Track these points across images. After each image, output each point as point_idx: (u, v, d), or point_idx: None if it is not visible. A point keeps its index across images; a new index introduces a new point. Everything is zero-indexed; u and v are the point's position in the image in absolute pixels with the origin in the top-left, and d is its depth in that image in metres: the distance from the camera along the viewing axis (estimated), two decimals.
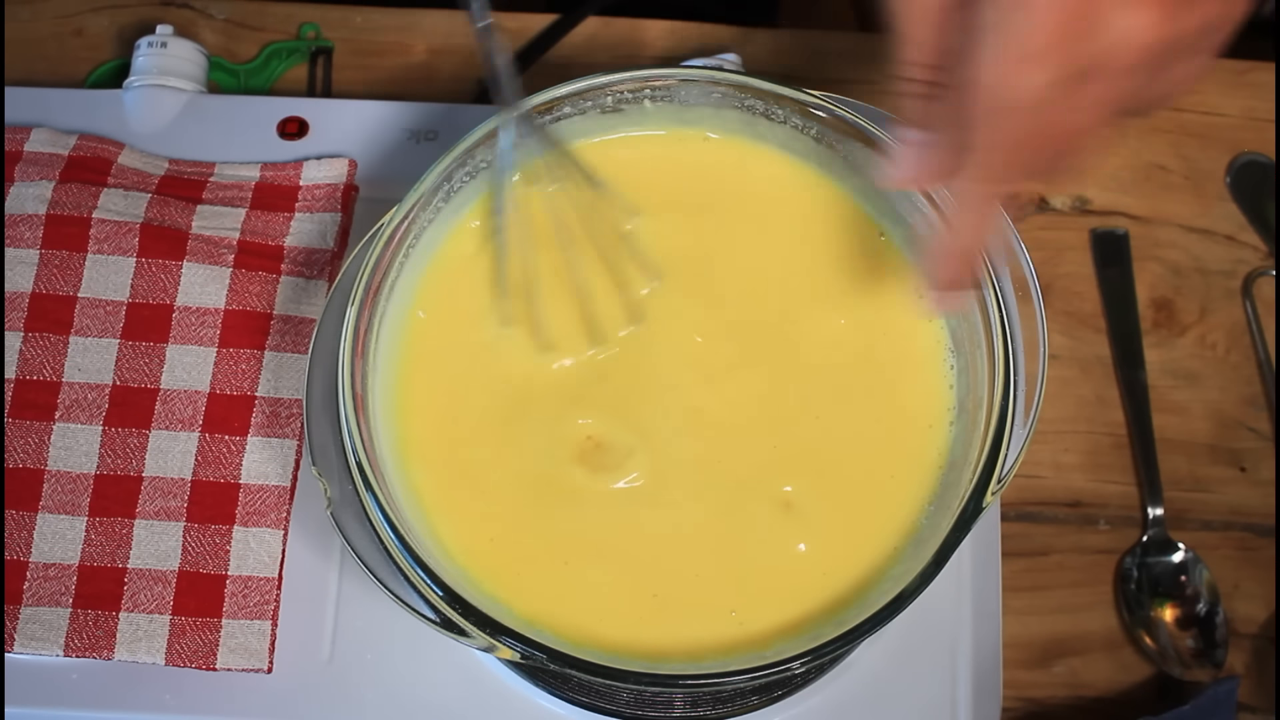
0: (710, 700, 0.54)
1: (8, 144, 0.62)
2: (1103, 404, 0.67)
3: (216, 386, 0.57)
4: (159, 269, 0.59)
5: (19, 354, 0.57)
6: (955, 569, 0.57)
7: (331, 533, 0.53)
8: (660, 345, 0.51)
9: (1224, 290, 0.69)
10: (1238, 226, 0.70)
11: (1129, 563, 0.64)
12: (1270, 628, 0.64)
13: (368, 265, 0.49)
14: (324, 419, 0.49)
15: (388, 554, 0.45)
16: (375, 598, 0.55)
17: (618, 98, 0.53)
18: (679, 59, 0.68)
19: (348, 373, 0.47)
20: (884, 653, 0.56)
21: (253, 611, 0.55)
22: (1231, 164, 0.71)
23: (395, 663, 0.55)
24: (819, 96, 0.52)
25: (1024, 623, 0.63)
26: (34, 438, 0.56)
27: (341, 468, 0.47)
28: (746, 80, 0.52)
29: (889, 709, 0.56)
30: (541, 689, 0.55)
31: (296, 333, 0.59)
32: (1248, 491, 0.66)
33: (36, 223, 0.59)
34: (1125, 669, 0.63)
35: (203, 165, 0.63)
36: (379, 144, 0.64)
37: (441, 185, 0.51)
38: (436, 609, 0.45)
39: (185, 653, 0.54)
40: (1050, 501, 0.65)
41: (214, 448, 0.57)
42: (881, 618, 0.44)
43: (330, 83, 0.71)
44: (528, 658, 0.44)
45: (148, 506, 0.56)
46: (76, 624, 0.54)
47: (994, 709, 0.56)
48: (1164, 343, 0.68)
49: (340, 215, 0.61)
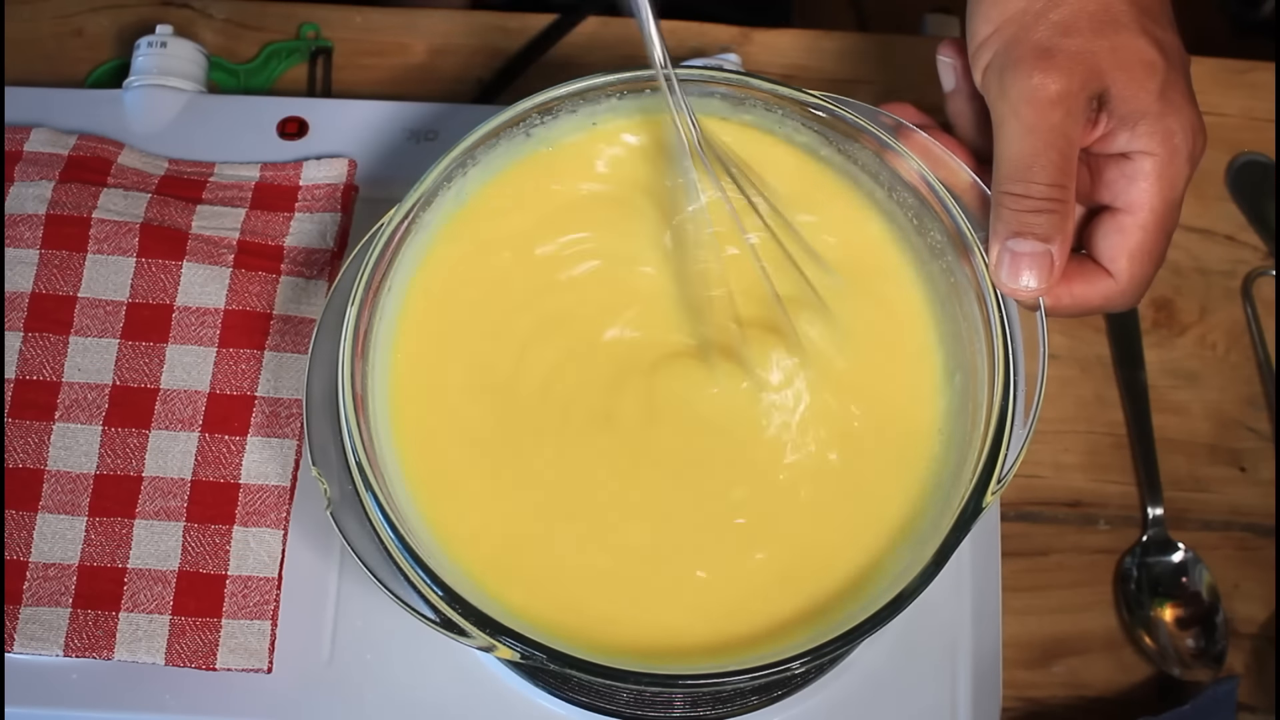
0: (710, 700, 0.54)
1: (8, 144, 0.62)
2: (1103, 404, 0.67)
3: (216, 386, 0.57)
4: (159, 269, 0.59)
5: (19, 354, 0.57)
6: (955, 569, 0.57)
7: (331, 533, 0.53)
8: (661, 349, 0.51)
9: (1224, 290, 0.69)
10: (1238, 226, 0.70)
11: (1129, 563, 0.64)
12: (1270, 628, 0.64)
13: (368, 265, 0.49)
14: (324, 419, 0.49)
15: (388, 554, 0.45)
16: (375, 598, 0.55)
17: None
18: (679, 59, 0.68)
19: (348, 373, 0.47)
20: (884, 653, 0.56)
21: (253, 611, 0.55)
22: (1231, 164, 0.71)
23: (395, 663, 0.55)
24: (819, 96, 0.52)
25: (1024, 623, 0.63)
26: (34, 438, 0.56)
27: (341, 468, 0.47)
28: (747, 80, 0.52)
29: (889, 709, 0.56)
30: (541, 689, 0.55)
31: (296, 333, 0.59)
32: (1248, 491, 0.66)
33: (36, 223, 0.59)
34: (1125, 669, 0.63)
35: (203, 165, 0.63)
36: (379, 144, 0.64)
37: (441, 185, 0.51)
38: (436, 609, 0.45)
39: (185, 653, 0.54)
40: (1050, 501, 0.65)
41: (214, 448, 0.57)
42: (881, 618, 0.44)
43: (330, 83, 0.71)
44: (528, 658, 0.44)
45: (148, 506, 0.56)
46: (76, 624, 0.54)
47: (994, 709, 0.56)
48: (1164, 343, 0.68)
49: (340, 215, 0.61)
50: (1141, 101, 0.47)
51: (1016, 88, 0.47)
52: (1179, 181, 0.48)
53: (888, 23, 1.27)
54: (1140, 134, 0.48)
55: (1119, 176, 0.49)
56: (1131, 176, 0.48)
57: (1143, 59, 0.47)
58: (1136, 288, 0.49)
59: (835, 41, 0.73)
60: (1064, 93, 0.46)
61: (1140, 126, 0.47)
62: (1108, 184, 0.49)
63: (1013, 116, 0.47)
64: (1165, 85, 0.47)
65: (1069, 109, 0.46)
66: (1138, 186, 0.48)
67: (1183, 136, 0.48)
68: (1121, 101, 0.47)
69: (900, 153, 0.50)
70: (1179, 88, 0.48)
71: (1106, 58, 0.47)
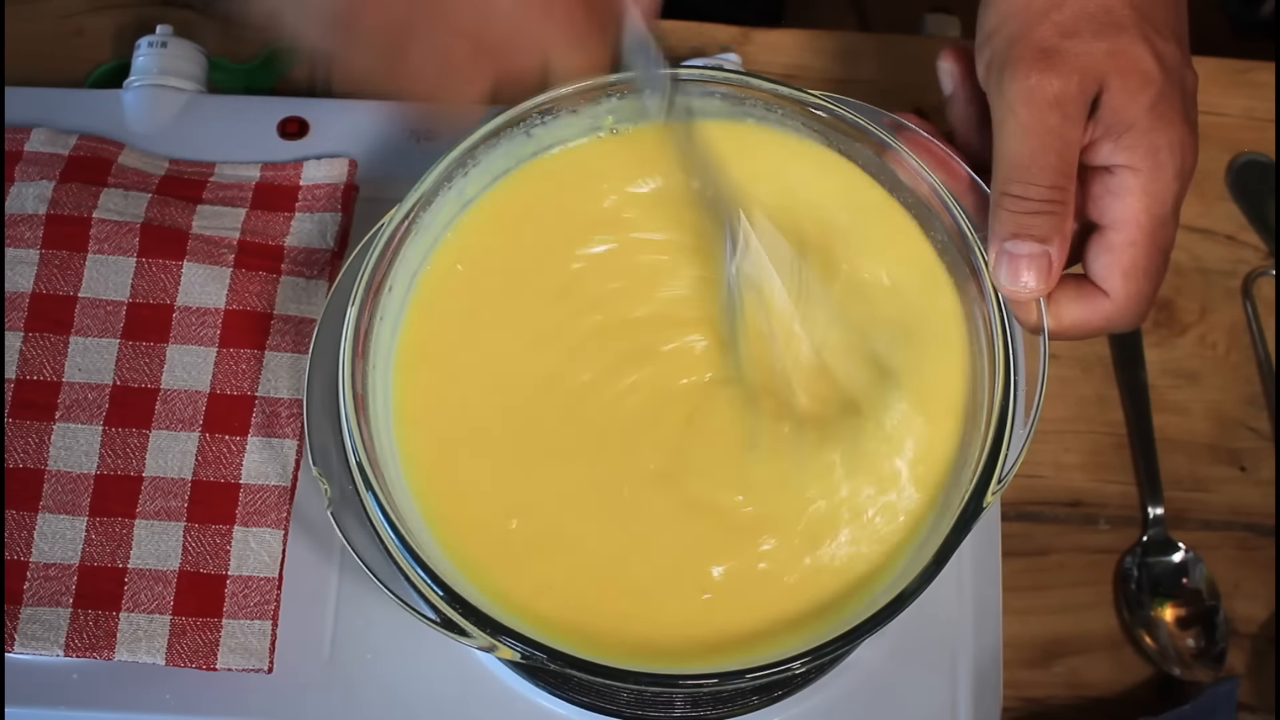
0: (711, 700, 0.54)
1: (8, 144, 0.62)
2: (1103, 404, 0.67)
3: (217, 386, 0.57)
4: (159, 269, 0.59)
5: (19, 354, 0.57)
6: (955, 569, 0.57)
7: (331, 533, 0.53)
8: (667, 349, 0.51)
9: (1224, 290, 0.69)
10: (1238, 226, 0.70)
11: (1129, 562, 0.64)
12: (1270, 628, 0.64)
13: (368, 265, 0.49)
14: (324, 419, 0.49)
15: (388, 554, 0.45)
16: (375, 598, 0.55)
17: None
18: (679, 59, 0.68)
19: (348, 373, 0.47)
20: (884, 653, 0.56)
21: (253, 611, 0.55)
22: (1231, 164, 0.71)
23: (395, 663, 0.55)
24: (819, 96, 0.52)
25: (1024, 622, 0.63)
26: (34, 438, 0.56)
27: (341, 468, 0.47)
28: (747, 79, 0.52)
29: (889, 709, 0.56)
30: (541, 689, 0.55)
31: (296, 333, 0.59)
32: (1248, 491, 0.66)
33: (37, 222, 0.59)
34: (1125, 669, 0.63)
35: (203, 165, 0.63)
36: (379, 144, 0.64)
37: (442, 185, 0.51)
38: (436, 609, 0.45)
39: (185, 653, 0.54)
40: (1050, 501, 0.65)
41: (214, 448, 0.57)
42: (881, 618, 0.44)
43: (330, 83, 0.71)
44: (528, 658, 0.44)
45: (148, 506, 0.56)
46: (77, 624, 0.54)
47: (994, 709, 0.56)
48: (1164, 342, 0.68)
49: (340, 215, 0.61)
50: (1130, 113, 0.46)
51: (1014, 87, 0.47)
52: (1166, 197, 0.47)
53: (888, 22, 1.27)
54: (1124, 146, 0.47)
55: (1104, 192, 0.48)
56: (1116, 192, 0.47)
57: (1139, 68, 0.46)
58: (1135, 306, 0.48)
59: (835, 41, 0.73)
60: (1061, 95, 0.46)
61: (1125, 139, 0.47)
62: (1094, 199, 0.48)
63: (1010, 116, 0.47)
64: (1158, 99, 0.46)
65: (1066, 112, 0.46)
66: (1123, 202, 0.47)
67: (1169, 153, 0.47)
68: (1111, 110, 0.47)
69: (901, 152, 0.50)
70: (1173, 103, 0.47)
71: (1104, 62, 0.46)
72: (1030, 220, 0.46)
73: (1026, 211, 0.46)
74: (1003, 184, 0.47)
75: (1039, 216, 0.46)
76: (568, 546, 0.48)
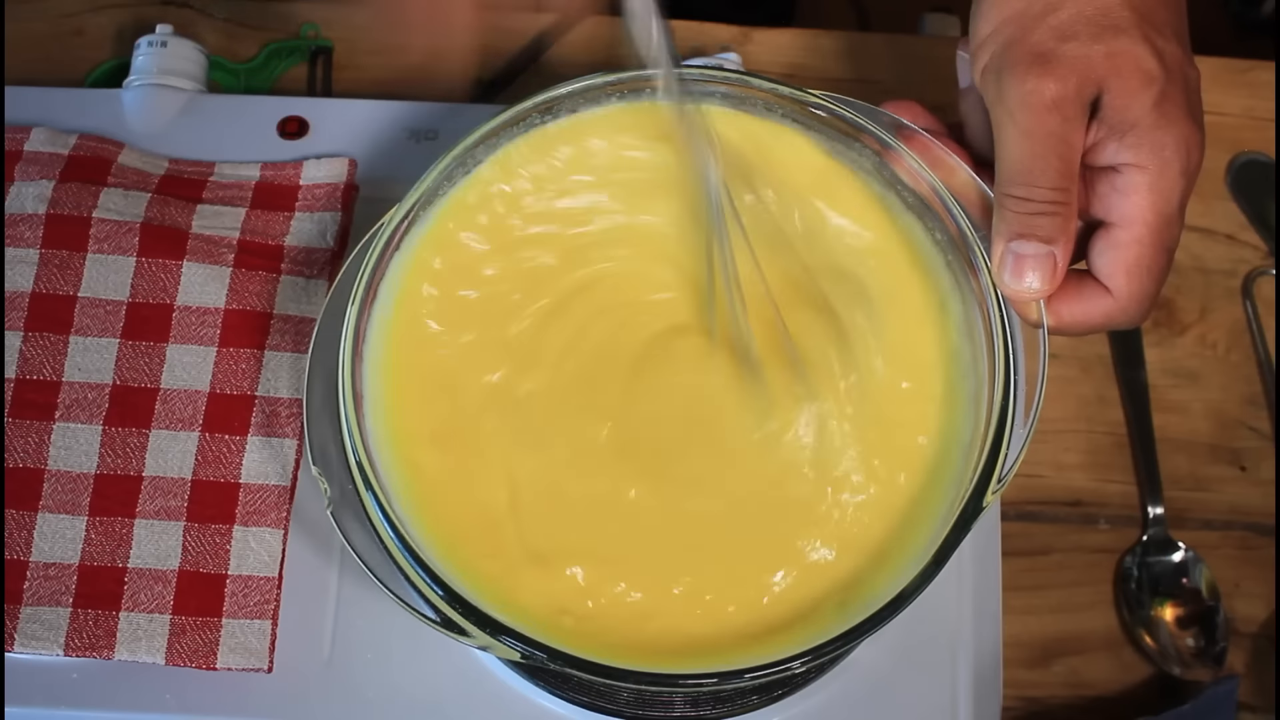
0: (711, 700, 0.54)
1: (8, 143, 0.62)
2: (1103, 403, 0.67)
3: (216, 386, 0.57)
4: (159, 268, 0.59)
5: (19, 354, 0.57)
6: (955, 569, 0.57)
7: (331, 533, 0.53)
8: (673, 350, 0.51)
9: (1224, 290, 0.69)
10: (1238, 226, 0.70)
11: (1129, 562, 0.64)
12: (1270, 627, 0.64)
13: (368, 265, 0.49)
14: (324, 419, 0.49)
15: (388, 554, 0.45)
16: (375, 598, 0.55)
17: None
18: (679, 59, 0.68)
19: (348, 373, 0.47)
20: (884, 653, 0.56)
21: (253, 611, 0.55)
22: (1231, 163, 0.71)
23: (395, 663, 0.55)
24: (819, 96, 0.52)
25: (1024, 622, 0.63)
26: (34, 437, 0.56)
27: (341, 468, 0.47)
28: (747, 79, 0.52)
29: (889, 709, 0.56)
30: (541, 689, 0.55)
31: (296, 333, 0.59)
32: (1248, 491, 0.66)
33: (37, 222, 0.59)
34: (1125, 668, 0.63)
35: (203, 165, 0.63)
36: (379, 144, 0.64)
37: (442, 185, 0.51)
38: (436, 609, 0.45)
39: (185, 652, 0.54)
40: (1050, 501, 0.65)
41: (214, 447, 0.57)
42: (881, 618, 0.44)
43: (330, 82, 0.71)
44: (528, 657, 0.44)
45: (148, 506, 0.56)
46: (76, 623, 0.54)
47: (994, 708, 0.56)
48: (1164, 342, 0.68)
49: (340, 215, 0.61)
50: (1133, 112, 0.46)
51: (1012, 92, 0.46)
52: (1172, 195, 0.47)
53: (888, 22, 1.27)
54: (1128, 145, 0.47)
55: (1110, 190, 0.48)
56: (1122, 190, 0.47)
57: (1140, 68, 0.46)
58: (1138, 304, 0.48)
59: (835, 41, 0.73)
60: (1059, 98, 0.46)
61: (1129, 138, 0.47)
62: (1100, 197, 0.48)
63: (1010, 120, 0.47)
64: (1161, 97, 0.46)
65: (1065, 115, 0.46)
66: (1129, 200, 0.47)
67: (1174, 150, 0.46)
68: (1113, 110, 0.46)
69: (900, 152, 0.50)
70: (1177, 101, 0.47)
71: (1103, 64, 0.46)
72: (1036, 221, 0.46)
73: (1032, 212, 0.46)
74: (1006, 185, 0.47)
75: (1044, 217, 0.46)
76: (567, 545, 0.48)
